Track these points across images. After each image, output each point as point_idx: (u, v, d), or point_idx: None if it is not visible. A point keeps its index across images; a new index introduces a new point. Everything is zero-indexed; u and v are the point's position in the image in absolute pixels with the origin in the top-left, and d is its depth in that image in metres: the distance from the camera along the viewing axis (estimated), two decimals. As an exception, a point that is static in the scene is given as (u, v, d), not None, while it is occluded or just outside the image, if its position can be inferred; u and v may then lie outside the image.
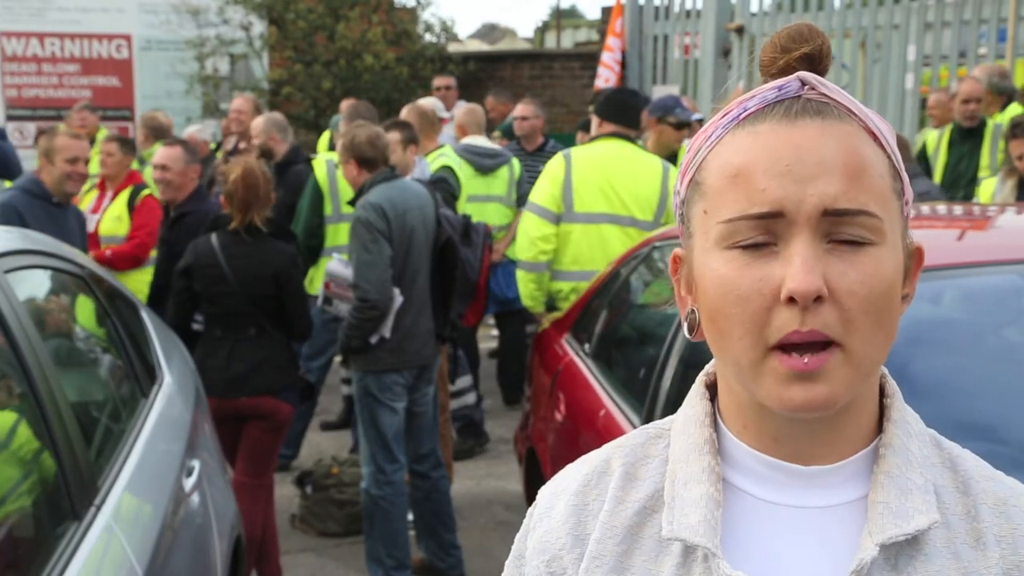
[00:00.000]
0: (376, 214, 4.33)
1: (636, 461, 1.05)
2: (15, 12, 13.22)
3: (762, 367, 0.92)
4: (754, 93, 0.97)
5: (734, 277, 0.93)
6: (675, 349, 3.01)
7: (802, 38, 0.98)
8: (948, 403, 2.45)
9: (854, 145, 0.93)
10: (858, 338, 0.91)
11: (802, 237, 0.91)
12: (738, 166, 0.94)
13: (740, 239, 0.93)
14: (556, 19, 22.58)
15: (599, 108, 5.15)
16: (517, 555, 1.11)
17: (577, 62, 13.12)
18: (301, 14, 12.96)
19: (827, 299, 0.90)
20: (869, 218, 0.92)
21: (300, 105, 12.53)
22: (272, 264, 4.38)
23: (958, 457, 1.02)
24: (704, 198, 0.97)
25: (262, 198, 4.41)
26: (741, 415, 1.00)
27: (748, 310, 0.92)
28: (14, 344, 2.26)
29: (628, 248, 4.42)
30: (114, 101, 13.32)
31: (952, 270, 2.75)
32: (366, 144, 4.50)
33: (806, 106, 0.94)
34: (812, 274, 0.89)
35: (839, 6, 10.16)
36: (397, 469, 4.52)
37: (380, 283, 4.31)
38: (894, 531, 0.93)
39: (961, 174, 6.73)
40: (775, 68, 0.98)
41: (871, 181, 0.93)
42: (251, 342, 4.37)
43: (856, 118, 0.95)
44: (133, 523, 2.55)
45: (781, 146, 0.93)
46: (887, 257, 0.93)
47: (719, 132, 0.97)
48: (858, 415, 0.99)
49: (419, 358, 4.54)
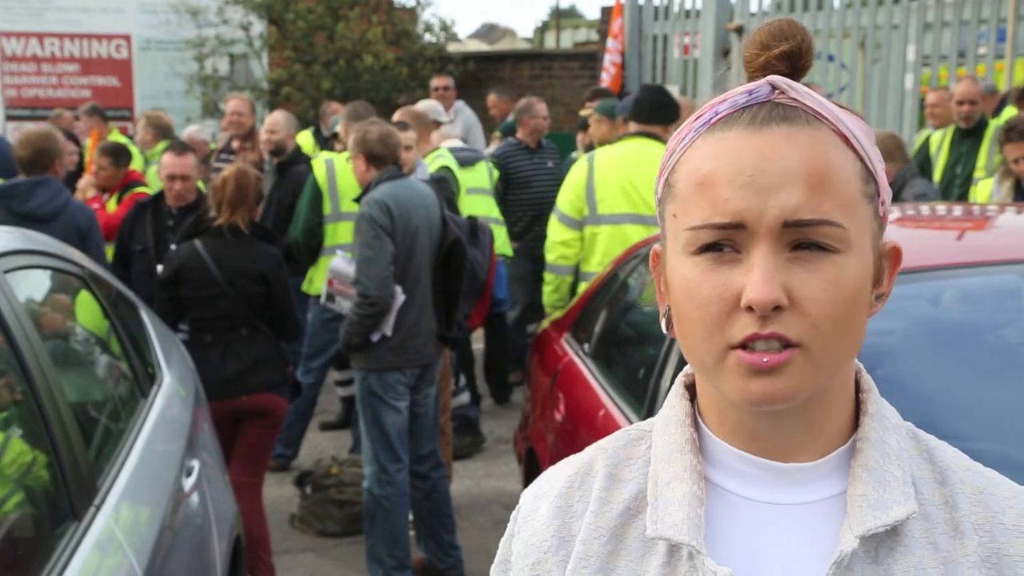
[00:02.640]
0: (380, 211, 4.33)
1: (619, 463, 1.07)
2: (15, 12, 13.22)
3: (723, 364, 0.94)
4: (726, 96, 0.98)
5: (698, 281, 0.95)
6: (675, 349, 3.01)
7: (783, 35, 0.98)
8: (947, 403, 2.45)
9: (820, 152, 0.94)
10: (820, 342, 0.93)
11: (763, 247, 0.92)
12: (704, 174, 0.95)
13: (702, 244, 0.95)
14: (556, 19, 22.58)
15: (631, 109, 5.21)
16: (502, 560, 1.12)
17: (577, 62, 13.11)
18: (301, 14, 12.95)
19: (787, 307, 0.92)
20: (832, 227, 0.93)
21: (300, 105, 12.53)
22: (258, 263, 4.41)
23: (935, 449, 1.04)
24: (674, 201, 0.99)
25: (250, 201, 4.43)
26: (718, 412, 1.02)
27: (710, 313, 0.94)
28: (14, 344, 2.26)
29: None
30: (113, 101, 13.31)
31: (952, 270, 2.75)
32: (377, 141, 4.51)
33: (773, 112, 0.95)
34: (771, 284, 0.91)
35: (839, 6, 10.16)
36: (400, 469, 4.52)
37: (381, 279, 4.32)
38: (873, 523, 0.95)
39: (958, 175, 6.73)
40: (756, 65, 0.99)
41: (836, 188, 0.93)
42: (243, 341, 4.38)
43: (827, 122, 0.96)
44: (133, 523, 2.55)
45: (745, 155, 0.94)
46: (851, 264, 0.94)
47: (691, 135, 0.99)
48: (834, 410, 1.00)
49: (421, 357, 4.54)
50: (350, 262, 4.63)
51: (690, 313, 0.95)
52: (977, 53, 9.31)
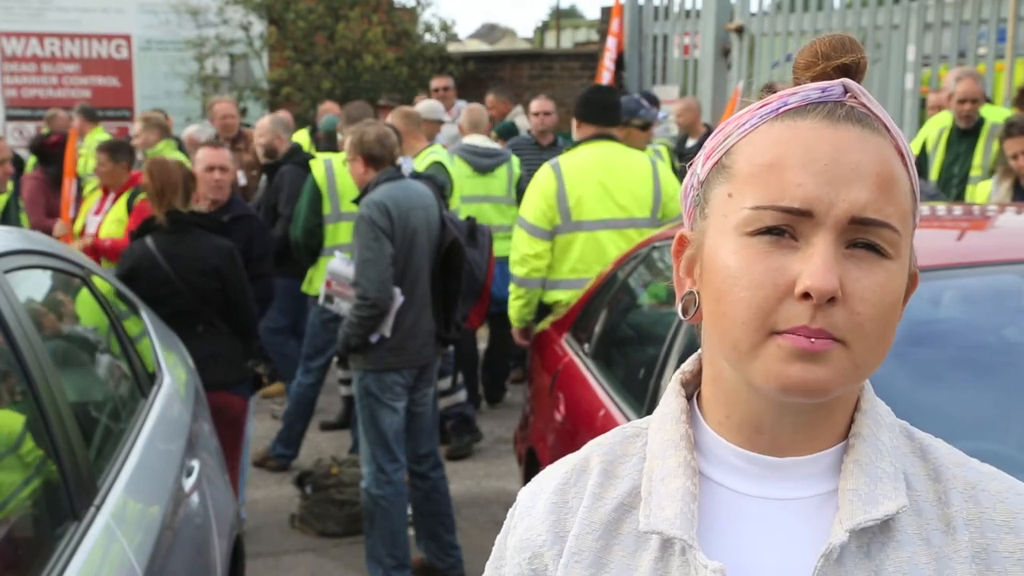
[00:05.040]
0: (379, 212, 4.33)
1: (614, 459, 1.07)
2: (14, 12, 13.23)
3: (761, 349, 0.94)
4: (796, 90, 0.99)
5: (750, 262, 0.94)
6: (675, 349, 3.01)
7: (844, 49, 0.99)
8: (947, 403, 2.45)
9: (888, 158, 0.96)
10: (863, 343, 0.93)
11: (826, 238, 0.92)
12: (775, 156, 0.95)
13: (762, 226, 0.94)
14: (556, 19, 22.58)
15: (577, 111, 5.08)
16: (497, 555, 1.13)
17: (577, 62, 13.12)
18: (301, 14, 12.96)
19: (839, 301, 0.92)
20: (891, 232, 0.94)
21: (300, 105, 12.54)
22: (211, 257, 4.40)
23: (929, 446, 1.05)
24: (731, 181, 0.98)
25: (174, 186, 4.42)
26: (726, 404, 1.02)
27: (758, 296, 0.93)
28: (14, 344, 2.26)
29: (624, 250, 4.41)
30: (113, 101, 13.32)
31: (952, 270, 2.75)
32: (375, 142, 4.51)
33: (849, 112, 0.96)
34: (831, 274, 0.91)
35: (839, 6, 10.16)
36: (397, 469, 4.52)
37: (381, 281, 4.32)
38: (863, 517, 0.96)
39: (955, 174, 6.72)
40: (812, 73, 1.00)
41: (897, 196, 0.95)
42: (199, 339, 4.35)
43: (890, 135, 0.98)
44: (133, 523, 2.55)
45: (820, 144, 0.94)
46: (898, 272, 0.96)
47: (755, 121, 0.99)
48: (838, 411, 1.01)
49: (419, 358, 4.54)
50: (348, 263, 4.62)
51: (736, 293, 0.94)
52: (977, 53, 9.31)
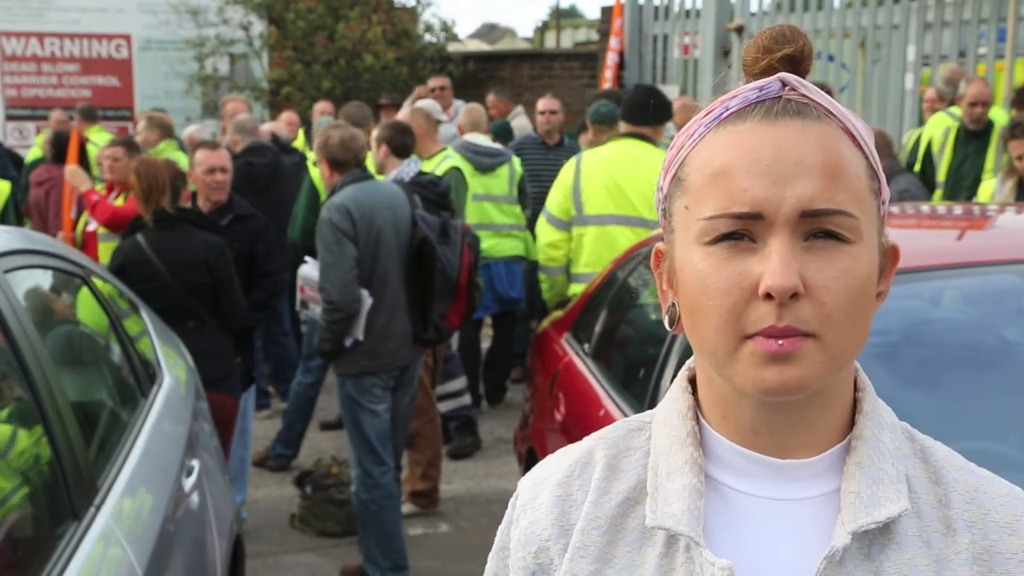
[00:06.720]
0: (340, 214, 4.31)
1: (618, 453, 1.08)
2: (15, 12, 13.23)
3: (737, 354, 0.95)
4: (736, 93, 0.99)
5: (713, 271, 0.95)
6: (675, 349, 3.01)
7: (784, 39, 1.00)
8: (946, 402, 2.45)
9: (832, 145, 0.96)
10: (833, 332, 0.94)
11: (780, 236, 0.93)
12: (720, 164, 0.96)
13: (719, 234, 0.95)
14: (556, 19, 22.57)
15: (620, 109, 5.24)
16: (501, 547, 1.13)
17: (577, 62, 13.12)
18: (301, 14, 12.96)
19: (803, 295, 0.93)
20: (846, 218, 0.94)
21: (300, 105, 12.54)
22: (200, 252, 4.41)
23: (930, 448, 1.05)
24: (686, 194, 0.99)
25: (161, 184, 4.43)
26: (720, 406, 1.03)
27: (727, 302, 0.94)
28: (14, 344, 2.26)
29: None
30: (114, 101, 13.32)
31: (952, 270, 2.75)
32: (338, 146, 4.50)
33: (786, 106, 0.97)
34: (789, 271, 0.92)
35: (839, 6, 10.16)
36: (385, 471, 4.50)
37: (343, 285, 4.29)
38: (865, 519, 0.96)
39: (964, 175, 6.71)
40: (757, 68, 1.00)
41: (848, 181, 0.95)
42: (189, 334, 4.33)
43: (835, 119, 0.98)
44: (133, 523, 2.55)
45: (762, 146, 0.95)
46: (863, 255, 0.95)
47: (701, 130, 1.00)
48: (832, 408, 1.01)
49: (396, 360, 4.51)
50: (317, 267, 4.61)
51: (705, 303, 0.96)
52: (977, 53, 9.30)
